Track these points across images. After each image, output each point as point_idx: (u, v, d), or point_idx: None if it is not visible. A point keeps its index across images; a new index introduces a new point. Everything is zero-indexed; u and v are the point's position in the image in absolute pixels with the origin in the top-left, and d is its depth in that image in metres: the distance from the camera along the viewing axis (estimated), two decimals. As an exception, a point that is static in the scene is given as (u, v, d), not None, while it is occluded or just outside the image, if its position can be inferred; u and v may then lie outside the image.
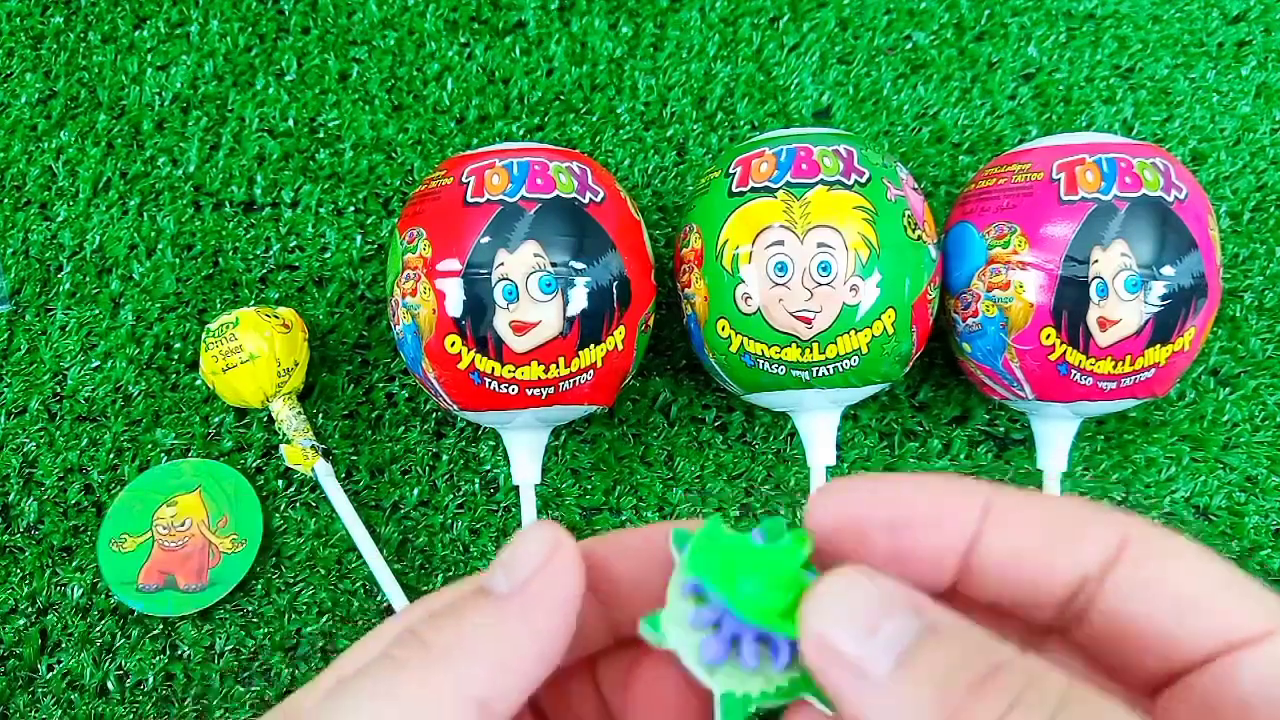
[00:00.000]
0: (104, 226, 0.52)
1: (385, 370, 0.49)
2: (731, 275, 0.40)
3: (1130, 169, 0.39)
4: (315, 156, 0.53)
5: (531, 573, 0.17)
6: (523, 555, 0.17)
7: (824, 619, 0.15)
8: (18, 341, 0.50)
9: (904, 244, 0.40)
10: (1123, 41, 0.54)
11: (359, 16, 0.55)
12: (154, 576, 0.45)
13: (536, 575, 0.17)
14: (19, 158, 0.53)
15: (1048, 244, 0.39)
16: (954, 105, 0.53)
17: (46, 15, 0.56)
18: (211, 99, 0.54)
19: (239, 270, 0.51)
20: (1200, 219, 0.40)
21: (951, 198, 0.52)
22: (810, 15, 0.55)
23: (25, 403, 0.49)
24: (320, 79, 0.54)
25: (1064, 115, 0.53)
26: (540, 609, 0.17)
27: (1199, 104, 0.53)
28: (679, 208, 0.52)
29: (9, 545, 0.47)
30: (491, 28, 0.55)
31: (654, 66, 0.54)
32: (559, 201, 0.40)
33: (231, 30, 0.55)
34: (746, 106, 0.53)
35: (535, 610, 0.17)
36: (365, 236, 0.51)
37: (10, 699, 0.44)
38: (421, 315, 0.40)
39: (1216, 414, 0.48)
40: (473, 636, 0.16)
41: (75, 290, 0.51)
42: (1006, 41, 0.54)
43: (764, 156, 0.41)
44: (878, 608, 0.15)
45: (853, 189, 0.39)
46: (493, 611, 0.16)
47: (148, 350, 0.50)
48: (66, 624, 0.45)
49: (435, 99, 0.54)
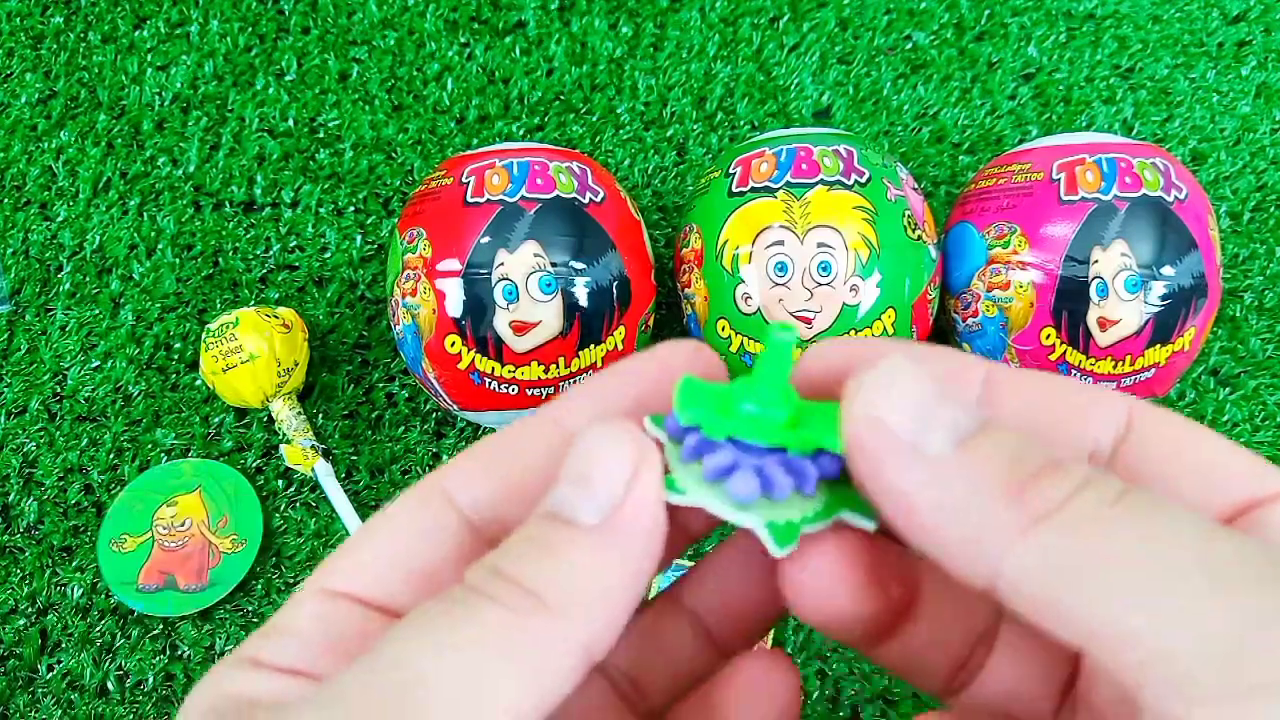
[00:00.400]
0: (104, 226, 0.52)
1: (385, 370, 0.49)
2: (731, 275, 0.40)
3: (1130, 169, 0.39)
4: (315, 156, 0.53)
5: (619, 498, 0.15)
6: (603, 475, 0.15)
7: (876, 401, 0.14)
8: (18, 341, 0.50)
9: (904, 244, 0.40)
10: (1123, 41, 0.54)
11: (359, 16, 0.55)
12: (154, 576, 0.45)
13: (626, 501, 0.15)
14: (19, 158, 0.53)
15: (1048, 244, 0.39)
16: (954, 105, 0.53)
17: (46, 15, 0.56)
18: (211, 99, 0.54)
19: (239, 270, 0.51)
20: (1200, 219, 0.40)
21: (951, 198, 0.52)
22: (810, 15, 0.55)
23: (25, 403, 0.49)
24: (320, 79, 0.54)
25: (1064, 115, 0.53)
26: (635, 541, 0.15)
27: (1199, 104, 0.53)
28: (679, 208, 0.52)
29: (9, 545, 0.47)
30: (491, 28, 0.55)
31: (654, 66, 0.54)
32: (559, 201, 0.40)
33: (231, 30, 0.55)
34: (746, 106, 0.53)
35: (630, 543, 0.15)
36: (365, 236, 0.51)
37: (10, 699, 0.44)
38: (421, 315, 0.40)
39: (1216, 414, 0.48)
40: (573, 578, 0.14)
41: (75, 290, 0.51)
42: (1006, 41, 0.54)
43: (764, 156, 0.41)
44: (934, 393, 0.14)
45: (853, 189, 0.39)
46: (589, 548, 0.14)
47: (148, 350, 0.50)
48: (66, 624, 0.45)
49: (435, 99, 0.54)
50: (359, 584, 0.16)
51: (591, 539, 0.14)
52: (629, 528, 0.15)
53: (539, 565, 0.14)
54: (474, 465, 0.17)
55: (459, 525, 0.16)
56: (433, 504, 0.16)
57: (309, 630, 0.15)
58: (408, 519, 0.16)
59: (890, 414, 0.14)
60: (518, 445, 0.17)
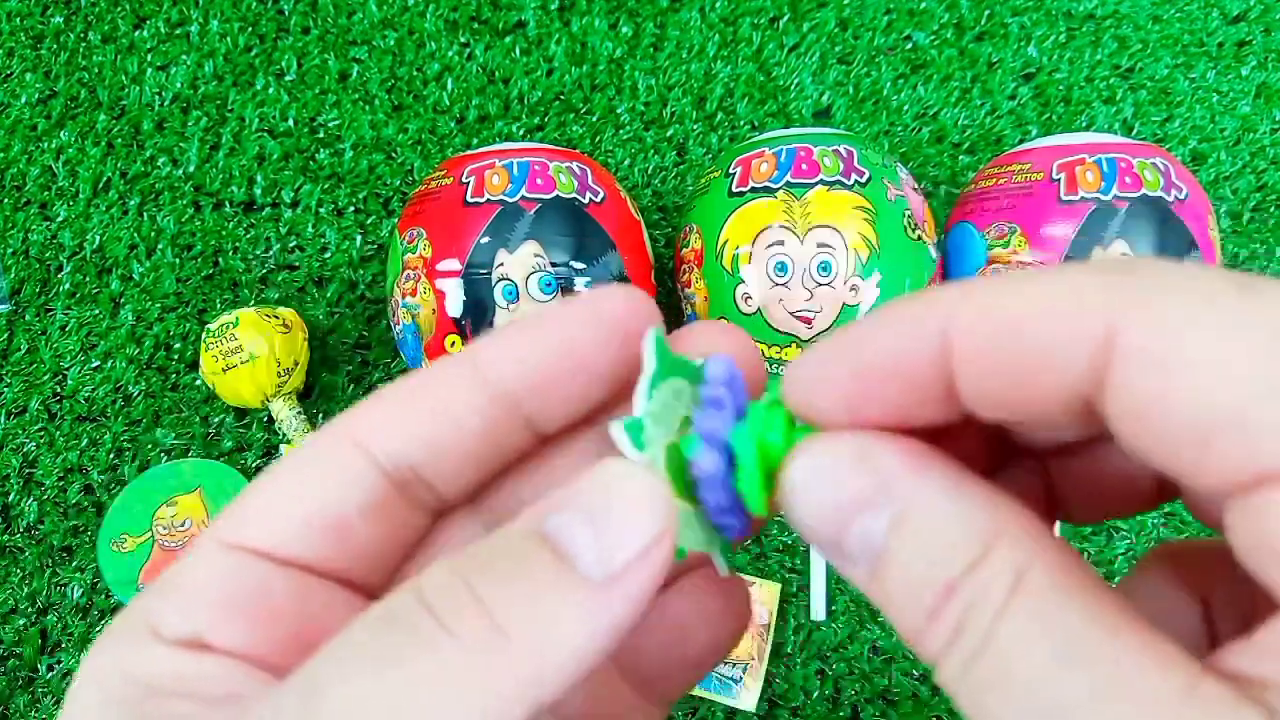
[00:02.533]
0: (104, 226, 0.52)
1: (385, 370, 0.49)
2: (731, 275, 0.40)
3: (1130, 169, 0.39)
4: (315, 156, 0.53)
5: (630, 562, 0.13)
6: (620, 534, 0.13)
7: (800, 508, 0.14)
8: (18, 341, 0.50)
9: (904, 244, 0.40)
10: (1123, 41, 0.54)
11: (359, 16, 0.55)
12: (154, 576, 0.45)
13: (636, 565, 0.13)
14: (19, 158, 0.53)
15: (1048, 244, 0.39)
16: (954, 105, 0.53)
17: (46, 15, 0.56)
18: (211, 99, 0.54)
19: (239, 270, 0.51)
20: (1200, 219, 0.40)
21: (951, 198, 0.52)
22: (810, 15, 0.55)
23: (25, 403, 0.49)
24: (320, 79, 0.54)
25: (1064, 115, 0.53)
26: (629, 605, 0.13)
27: (1199, 104, 0.53)
28: (679, 208, 0.52)
29: (9, 545, 0.47)
30: (491, 28, 0.55)
31: (654, 66, 0.54)
32: (559, 201, 0.40)
33: (231, 30, 0.55)
34: (746, 106, 0.53)
35: (624, 606, 0.13)
36: (365, 236, 0.51)
37: (10, 699, 0.44)
38: (421, 315, 0.40)
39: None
40: (551, 632, 0.13)
41: (75, 290, 0.51)
42: (1006, 41, 0.54)
43: (764, 156, 0.41)
44: (848, 501, 0.14)
45: (853, 189, 0.39)
46: (579, 604, 0.13)
47: (148, 350, 0.50)
48: (66, 624, 0.45)
49: (435, 99, 0.54)
50: (262, 535, 0.15)
51: (584, 595, 0.13)
52: (626, 591, 0.13)
53: (516, 603, 0.13)
54: (386, 408, 0.15)
55: (370, 471, 0.15)
56: (342, 449, 0.15)
57: (208, 589, 0.14)
58: (315, 466, 0.15)
59: (813, 522, 0.14)
60: (433, 388, 0.16)
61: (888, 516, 0.13)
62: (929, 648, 0.13)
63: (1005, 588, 0.12)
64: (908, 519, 0.13)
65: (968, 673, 0.12)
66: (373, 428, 0.15)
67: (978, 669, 0.12)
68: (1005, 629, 0.12)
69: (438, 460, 0.15)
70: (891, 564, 0.13)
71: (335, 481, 0.15)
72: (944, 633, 0.13)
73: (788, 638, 0.46)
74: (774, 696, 0.45)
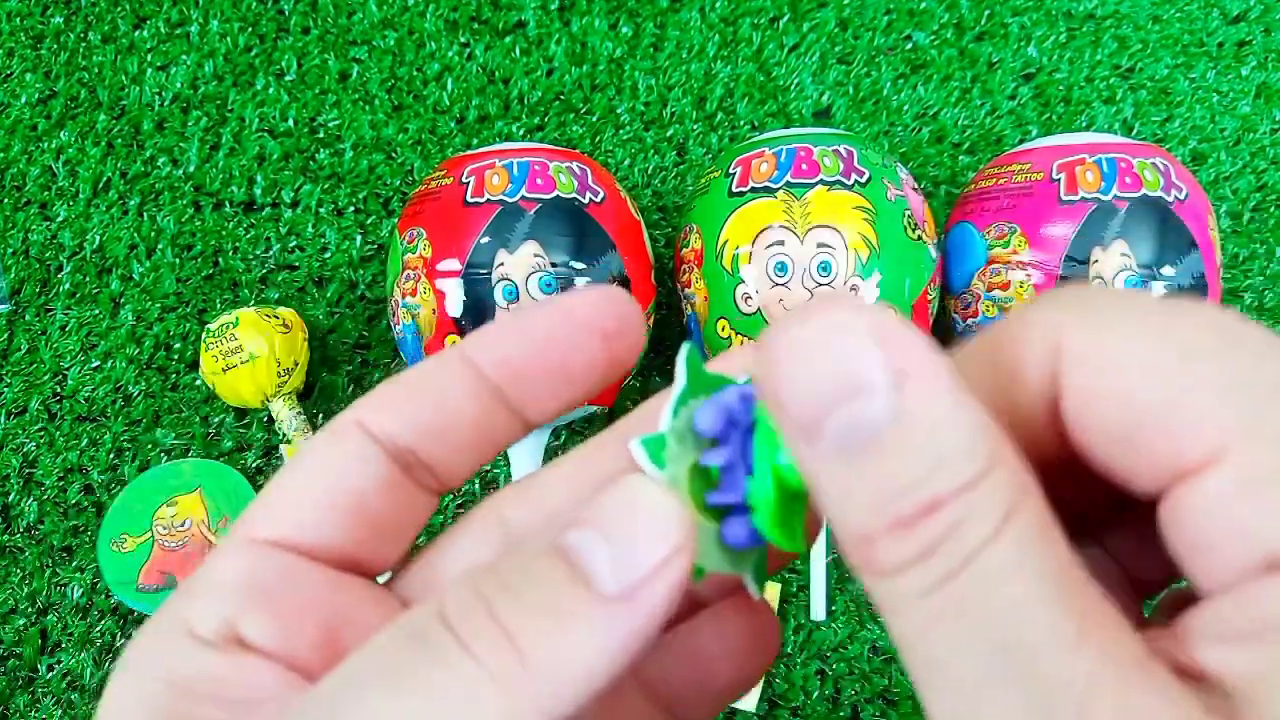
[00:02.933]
0: (104, 226, 0.52)
1: (385, 370, 0.49)
2: (731, 275, 0.40)
3: (1130, 169, 0.39)
4: (315, 156, 0.53)
5: (645, 576, 0.13)
6: (635, 548, 0.13)
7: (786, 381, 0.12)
8: (18, 341, 0.50)
9: (904, 244, 0.40)
10: (1123, 41, 0.54)
11: (359, 16, 0.55)
12: (154, 576, 0.45)
13: (652, 578, 0.13)
14: (19, 158, 0.53)
15: (1048, 244, 0.39)
16: (954, 105, 0.53)
17: (46, 15, 0.56)
18: (211, 99, 0.54)
19: (239, 270, 0.51)
20: (1200, 219, 0.40)
21: (951, 198, 0.52)
22: (810, 15, 0.55)
23: (25, 403, 0.49)
24: (320, 79, 0.54)
25: (1064, 115, 0.53)
26: (645, 620, 0.13)
27: (1199, 104, 0.53)
28: (679, 208, 0.52)
29: (9, 545, 0.47)
30: (491, 28, 0.55)
31: (654, 66, 0.54)
32: (559, 201, 0.40)
33: (231, 30, 0.55)
34: (746, 106, 0.53)
35: (640, 620, 0.13)
36: (365, 236, 0.51)
37: (10, 699, 0.44)
38: (421, 315, 0.40)
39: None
40: (569, 651, 0.13)
41: (75, 290, 0.51)
42: (1006, 41, 0.54)
43: (764, 156, 0.41)
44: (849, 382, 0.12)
45: (853, 189, 0.39)
46: (597, 621, 0.13)
47: (148, 350, 0.50)
48: (66, 624, 0.45)
49: (435, 99, 0.54)
50: (286, 527, 0.15)
51: (599, 612, 0.13)
52: (642, 606, 0.13)
53: (533, 623, 0.13)
54: (388, 400, 0.16)
55: (380, 456, 0.16)
56: (349, 435, 0.16)
57: (237, 579, 0.15)
58: (327, 456, 0.16)
59: (801, 395, 0.12)
60: (430, 381, 0.16)
61: (893, 408, 0.12)
62: (881, 557, 0.12)
63: (999, 515, 0.12)
64: (916, 418, 0.12)
65: (929, 594, 0.12)
66: (375, 414, 0.16)
67: (945, 592, 0.12)
68: (990, 557, 0.11)
69: (436, 445, 0.16)
70: (879, 458, 0.12)
71: (347, 463, 0.16)
72: (910, 548, 0.12)
73: (788, 638, 0.46)
74: (774, 696, 0.45)
